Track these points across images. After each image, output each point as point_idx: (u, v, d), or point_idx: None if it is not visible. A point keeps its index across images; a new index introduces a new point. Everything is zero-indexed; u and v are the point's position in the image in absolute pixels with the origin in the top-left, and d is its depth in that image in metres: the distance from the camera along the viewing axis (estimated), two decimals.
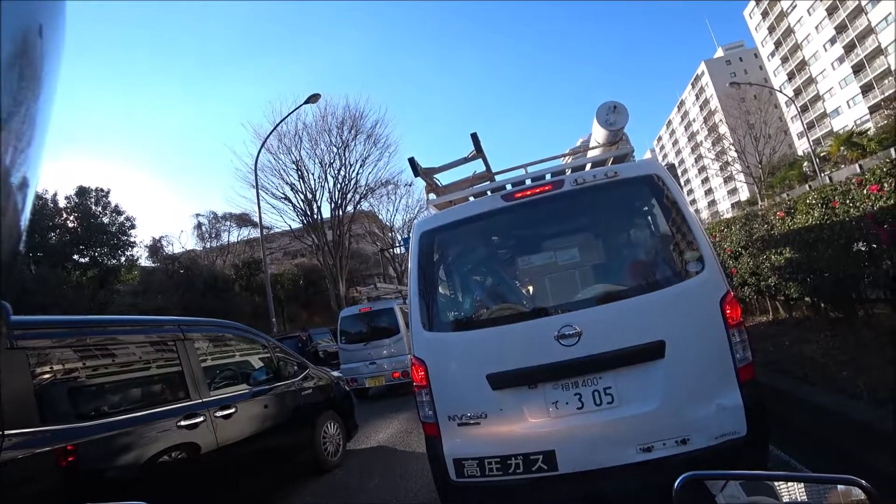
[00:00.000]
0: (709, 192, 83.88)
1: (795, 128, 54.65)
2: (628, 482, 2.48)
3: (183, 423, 3.56)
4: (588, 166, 3.54)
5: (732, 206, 65.39)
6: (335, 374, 6.35)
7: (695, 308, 2.64)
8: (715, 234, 9.33)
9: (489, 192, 3.29)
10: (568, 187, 2.97)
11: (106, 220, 22.72)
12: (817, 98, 57.11)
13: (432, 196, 3.74)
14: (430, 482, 4.24)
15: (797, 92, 57.80)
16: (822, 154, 34.91)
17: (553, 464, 2.58)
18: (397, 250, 34.74)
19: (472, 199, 3.47)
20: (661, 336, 2.57)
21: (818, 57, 55.54)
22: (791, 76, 60.42)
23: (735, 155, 44.87)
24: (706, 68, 75.33)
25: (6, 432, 2.56)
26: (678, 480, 0.96)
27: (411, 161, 3.66)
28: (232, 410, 4.01)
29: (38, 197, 20.66)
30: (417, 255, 3.13)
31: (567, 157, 4.32)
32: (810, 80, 57.65)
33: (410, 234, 3.38)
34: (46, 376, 2.98)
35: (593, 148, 3.98)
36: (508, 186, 3.28)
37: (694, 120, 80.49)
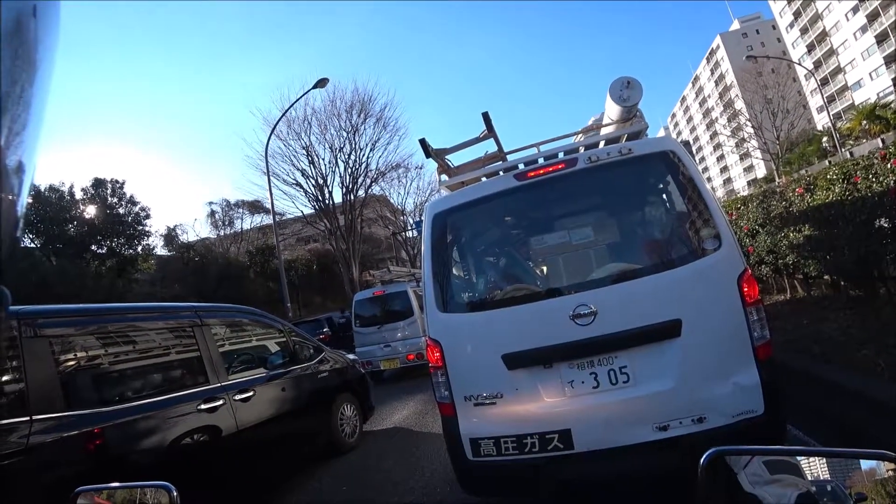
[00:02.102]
0: (724, 169, 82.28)
1: (815, 102, 53.01)
2: (644, 461, 2.49)
3: (203, 406, 3.64)
4: (601, 144, 3.47)
5: (748, 183, 64.12)
6: (350, 356, 6.43)
7: (711, 286, 2.60)
8: (731, 212, 9.18)
9: (501, 172, 3.28)
10: (581, 165, 2.93)
11: (122, 210, 23.05)
12: (838, 70, 55.22)
13: (444, 177, 3.72)
14: (447, 462, 4.30)
15: (817, 64, 55.95)
16: (843, 128, 33.92)
17: (569, 442, 2.59)
18: (409, 233, 34.81)
19: (484, 179, 3.45)
20: (677, 315, 2.54)
21: (840, 27, 53.53)
22: (811, 48, 58.42)
23: (751, 131, 43.83)
24: (721, 42, 73.19)
25: (33, 418, 2.64)
26: (704, 456, 0.95)
27: (422, 142, 3.62)
28: (250, 394, 4.09)
29: (55, 189, 21.02)
30: (431, 237, 3.13)
31: (580, 136, 4.24)
32: (831, 52, 55.71)
33: (423, 216, 3.35)
34: (70, 363, 3.06)
35: (606, 125, 3.91)
36: (521, 166, 3.23)
37: (709, 96, 78.58)
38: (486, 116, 3.59)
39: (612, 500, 2.95)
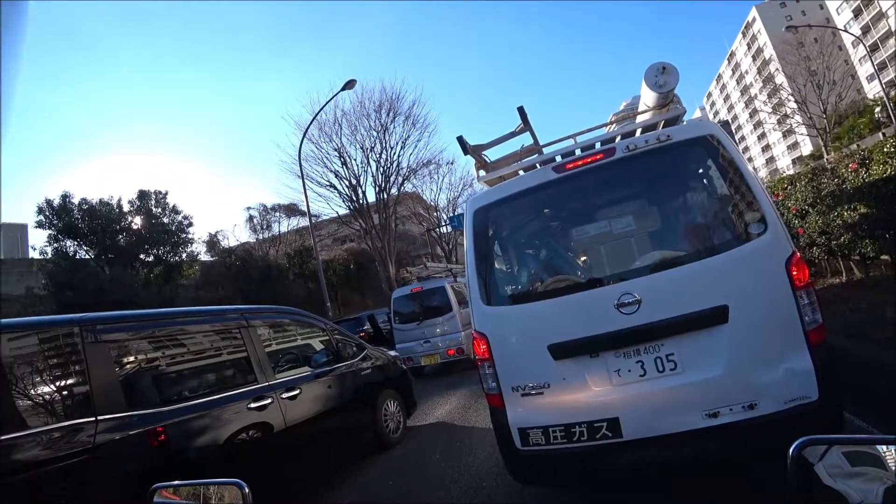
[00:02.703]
0: (766, 148, 78.54)
1: (865, 70, 49.85)
2: (695, 448, 2.48)
3: (253, 405, 3.76)
4: (638, 131, 3.44)
5: (794, 161, 61.00)
6: (392, 353, 6.51)
7: (759, 271, 2.55)
8: (777, 193, 8.76)
9: (539, 165, 3.30)
10: (620, 154, 2.91)
11: (166, 220, 24.03)
12: (889, 35, 51.59)
13: (482, 172, 3.73)
14: (492, 455, 4.32)
15: (865, 30, 52.52)
16: None
17: (617, 431, 2.60)
18: (443, 229, 34.88)
19: (521, 172, 3.46)
20: (723, 301, 2.51)
21: None
22: (857, 13, 54.88)
23: (795, 106, 41.54)
24: (758, 14, 69.64)
25: (98, 418, 2.79)
26: (794, 445, 0.91)
27: (460, 139, 3.67)
28: (297, 392, 4.20)
29: (105, 203, 22.12)
30: (472, 232, 3.17)
31: (614, 125, 4.16)
32: (880, 15, 52.11)
33: (464, 212, 3.37)
34: (129, 366, 3.23)
35: (642, 112, 3.84)
36: (558, 158, 3.23)
37: (746, 72, 75.00)
38: (521, 111, 3.58)
39: (659, 489, 2.99)
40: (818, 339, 2.45)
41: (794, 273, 2.49)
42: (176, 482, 1.58)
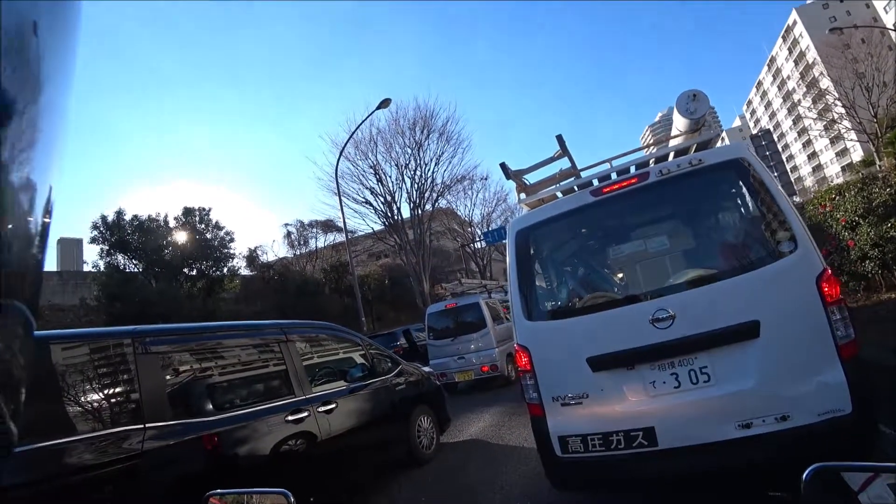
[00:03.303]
0: (812, 156, 75.09)
1: None
2: (728, 458, 2.56)
3: (290, 417, 3.86)
4: (671, 155, 3.63)
5: (843, 169, 58.07)
6: (426, 369, 6.54)
7: (790, 287, 2.65)
8: (825, 204, 8.40)
9: (577, 188, 3.50)
10: (653, 178, 3.08)
11: (209, 235, 25.03)
12: None
13: (523, 195, 3.92)
14: (526, 473, 4.28)
15: None
16: None
17: (653, 439, 2.72)
18: (477, 245, 34.88)
19: (560, 195, 3.67)
20: (755, 316, 2.62)
21: None
22: None
23: (842, 111, 39.67)
24: (798, 16, 67.31)
25: (147, 425, 2.94)
26: (807, 471, 0.90)
27: (502, 166, 3.91)
28: (333, 406, 4.28)
29: (153, 220, 23.24)
30: (515, 252, 3.37)
31: (651, 148, 4.37)
32: None
33: (507, 233, 3.59)
34: (175, 377, 3.38)
35: (675, 136, 4.05)
36: (595, 182, 3.41)
37: (788, 77, 72.29)
38: (559, 138, 3.84)
39: (694, 498, 3.08)
40: (850, 353, 2.50)
41: (826, 289, 2.58)
42: (226, 490, 1.65)
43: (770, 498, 2.82)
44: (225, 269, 25.79)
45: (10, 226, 0.47)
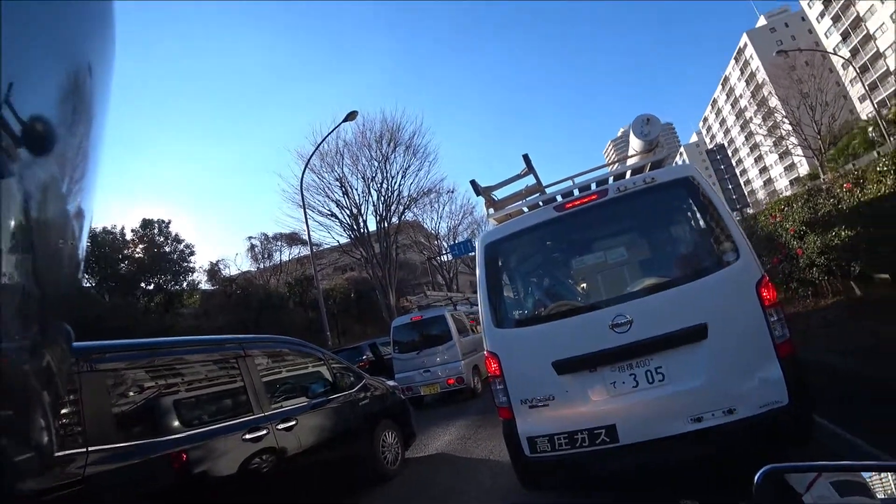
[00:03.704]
0: (763, 170, 79.06)
1: (856, 91, 50.59)
2: (682, 450, 2.81)
3: (248, 436, 3.69)
4: (628, 174, 3.88)
5: (791, 182, 61.30)
6: (391, 383, 6.42)
7: (733, 293, 2.93)
8: (775, 214, 8.79)
9: (541, 204, 3.67)
10: (612, 195, 3.33)
11: (168, 248, 24.19)
12: (878, 55, 52.60)
13: (491, 210, 4.12)
14: (493, 486, 4.23)
15: (854, 52, 53.54)
16: (890, 116, 32.15)
17: (615, 436, 2.92)
18: (444, 257, 34.86)
19: (526, 210, 3.87)
20: (703, 319, 2.87)
21: (875, 10, 51.17)
22: (846, 36, 56.04)
23: (790, 128, 42.02)
24: (749, 39, 71.24)
25: (89, 449, 2.74)
26: (758, 474, 0.90)
27: (473, 183, 4.10)
28: (293, 423, 4.12)
29: (109, 232, 22.27)
30: (484, 263, 3.53)
31: (615, 164, 4.73)
32: (868, 38, 53.25)
33: (476, 246, 3.76)
34: (122, 396, 3.18)
35: (632, 156, 4.39)
36: (559, 198, 3.62)
37: (741, 96, 76.20)
38: (526, 157, 4.06)
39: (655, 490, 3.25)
40: (787, 351, 2.80)
41: (764, 294, 2.86)
42: None
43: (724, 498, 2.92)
44: (185, 284, 24.94)
45: (68, 252, 0.50)
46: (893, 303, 5.88)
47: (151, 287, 23.37)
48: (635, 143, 4.23)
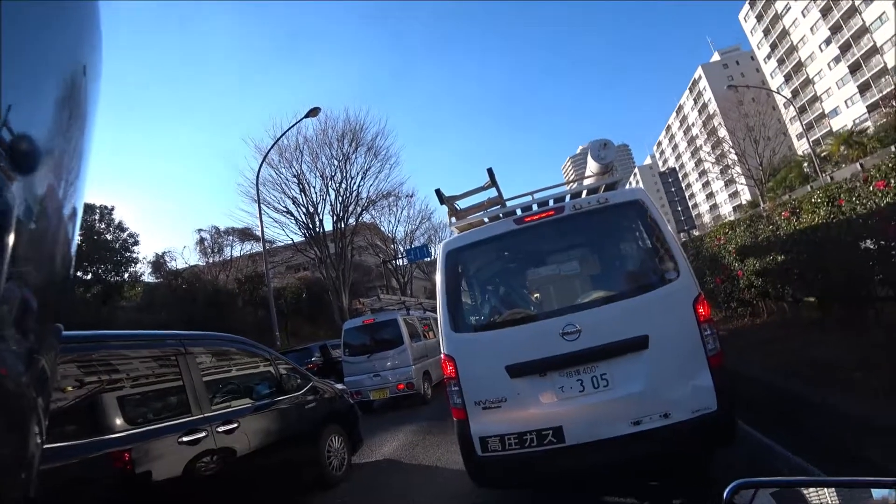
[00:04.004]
0: (710, 195, 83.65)
1: (795, 129, 54.49)
2: (623, 451, 3.01)
3: (184, 438, 3.48)
4: (584, 193, 4.09)
5: (734, 208, 65.13)
6: (339, 386, 6.27)
7: (672, 308, 3.17)
8: (719, 237, 9.26)
9: (502, 216, 3.86)
10: (568, 212, 3.56)
11: (109, 236, 22.81)
12: (815, 98, 57.05)
13: (454, 219, 4.27)
14: (439, 494, 4.19)
15: (795, 93, 57.77)
16: (822, 154, 34.83)
17: (561, 437, 3.09)
18: (400, 262, 34.63)
19: (486, 220, 4.03)
20: (645, 331, 3.10)
21: (814, 58, 55.56)
22: (788, 78, 60.44)
23: (735, 158, 44.74)
24: (703, 73, 75.48)
25: None
26: (728, 489, 0.93)
27: (437, 192, 4.20)
28: (234, 426, 3.93)
29: None
30: (444, 270, 3.66)
31: (571, 184, 5.02)
32: (808, 81, 57.67)
33: (438, 253, 3.90)
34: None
35: (588, 177, 4.67)
36: (518, 211, 3.82)
37: (693, 124, 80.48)
38: (490, 172, 4.23)
39: (598, 488, 3.56)
40: (717, 363, 3.04)
41: (700, 310, 3.11)
42: None
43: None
44: (126, 275, 23.57)
45: (62, 253, 0.49)
46: (819, 325, 6.31)
47: (89, 277, 21.93)
48: (592, 166, 4.49)
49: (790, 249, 6.65)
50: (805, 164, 35.93)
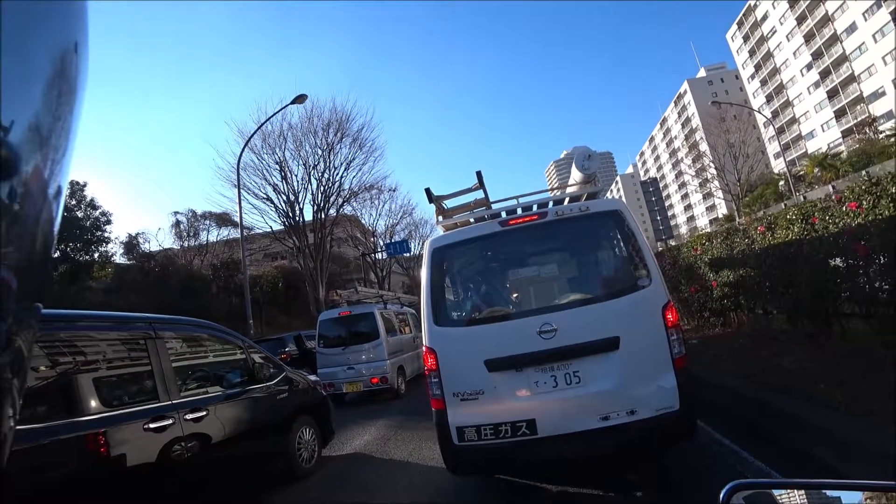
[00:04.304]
0: (688, 207, 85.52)
1: (772, 148, 56.12)
2: (592, 443, 3.21)
3: (151, 425, 3.38)
4: (567, 200, 4.33)
5: (711, 221, 66.70)
6: (312, 378, 6.18)
7: (642, 312, 3.37)
8: (696, 248, 9.45)
9: (487, 218, 4.04)
10: (550, 217, 3.74)
11: (80, 214, 22.08)
12: (793, 121, 58.83)
13: (440, 218, 4.42)
14: (408, 488, 4.19)
15: (775, 114, 59.47)
16: (797, 174, 35.90)
17: (534, 429, 3.27)
18: (379, 255, 34.41)
19: (472, 221, 4.19)
20: (616, 333, 3.30)
21: (795, 81, 57.32)
22: (769, 99, 62.19)
23: (714, 172, 45.83)
24: (689, 87, 77.07)
25: None
26: (724, 490, 0.93)
27: (427, 191, 4.34)
28: (203, 413, 3.83)
29: None
30: (430, 266, 3.80)
31: (555, 191, 5.15)
32: (787, 104, 59.43)
33: (424, 249, 4.07)
34: None
35: (571, 185, 4.87)
36: (503, 214, 3.99)
37: (675, 137, 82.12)
38: (479, 174, 4.39)
39: (568, 478, 3.73)
40: (681, 365, 3.26)
41: (668, 316, 3.33)
42: None
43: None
44: (96, 255, 22.87)
45: (44, 232, 0.48)
46: (788, 337, 6.49)
47: (57, 255, 21.20)
48: (576, 175, 4.70)
49: (763, 263, 6.83)
50: (781, 183, 37.00)
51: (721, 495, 0.92)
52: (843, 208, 5.22)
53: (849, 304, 5.71)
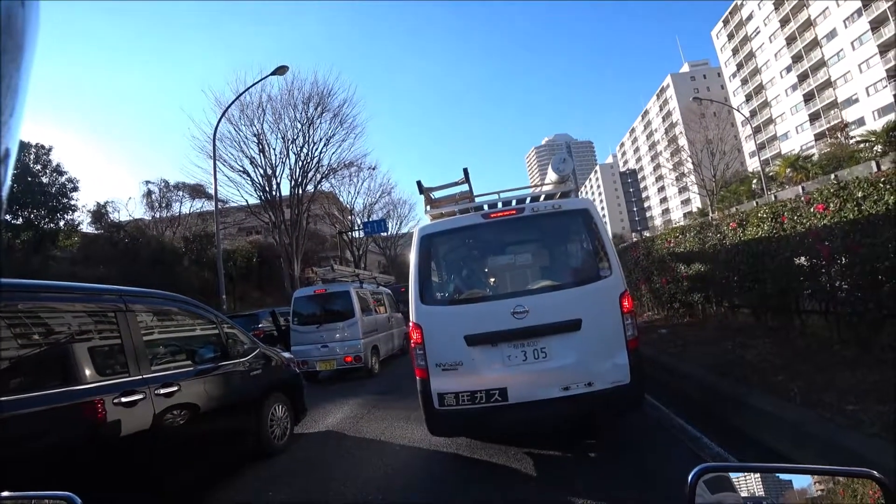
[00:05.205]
0: (664, 200, 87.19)
1: (748, 147, 57.39)
2: (554, 410, 3.73)
3: (121, 399, 3.33)
4: (542, 198, 4.88)
5: (685, 215, 68.20)
6: (286, 355, 6.16)
7: (602, 299, 3.86)
8: (669, 240, 9.66)
9: (472, 210, 4.51)
10: (527, 213, 4.22)
11: (45, 179, 21.12)
12: (770, 121, 60.20)
13: (429, 208, 4.96)
14: (380, 466, 4.29)
15: (753, 113, 60.68)
16: (770, 173, 36.87)
17: (505, 396, 3.75)
18: (356, 234, 34.11)
19: (458, 212, 4.63)
20: (579, 316, 3.77)
21: (774, 83, 58.49)
22: (749, 98, 63.37)
23: (691, 167, 46.72)
24: (672, 81, 77.87)
25: None
26: (692, 473, 0.98)
27: (418, 183, 4.94)
28: (174, 388, 3.79)
29: None
30: (419, 250, 4.20)
31: (534, 188, 5.66)
32: (766, 104, 60.70)
33: (413, 236, 4.46)
34: None
35: (547, 184, 5.41)
36: (486, 207, 4.50)
37: (656, 130, 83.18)
38: (465, 171, 4.97)
39: (536, 440, 4.25)
40: (633, 345, 3.78)
41: (623, 303, 3.83)
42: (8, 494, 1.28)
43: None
44: (62, 223, 22.00)
45: None
46: (752, 330, 6.75)
47: (19, 222, 20.33)
48: (552, 175, 5.21)
49: (733, 259, 7.04)
50: (754, 181, 37.96)
51: (689, 478, 0.97)
52: (811, 209, 5.41)
53: (810, 301, 5.96)
